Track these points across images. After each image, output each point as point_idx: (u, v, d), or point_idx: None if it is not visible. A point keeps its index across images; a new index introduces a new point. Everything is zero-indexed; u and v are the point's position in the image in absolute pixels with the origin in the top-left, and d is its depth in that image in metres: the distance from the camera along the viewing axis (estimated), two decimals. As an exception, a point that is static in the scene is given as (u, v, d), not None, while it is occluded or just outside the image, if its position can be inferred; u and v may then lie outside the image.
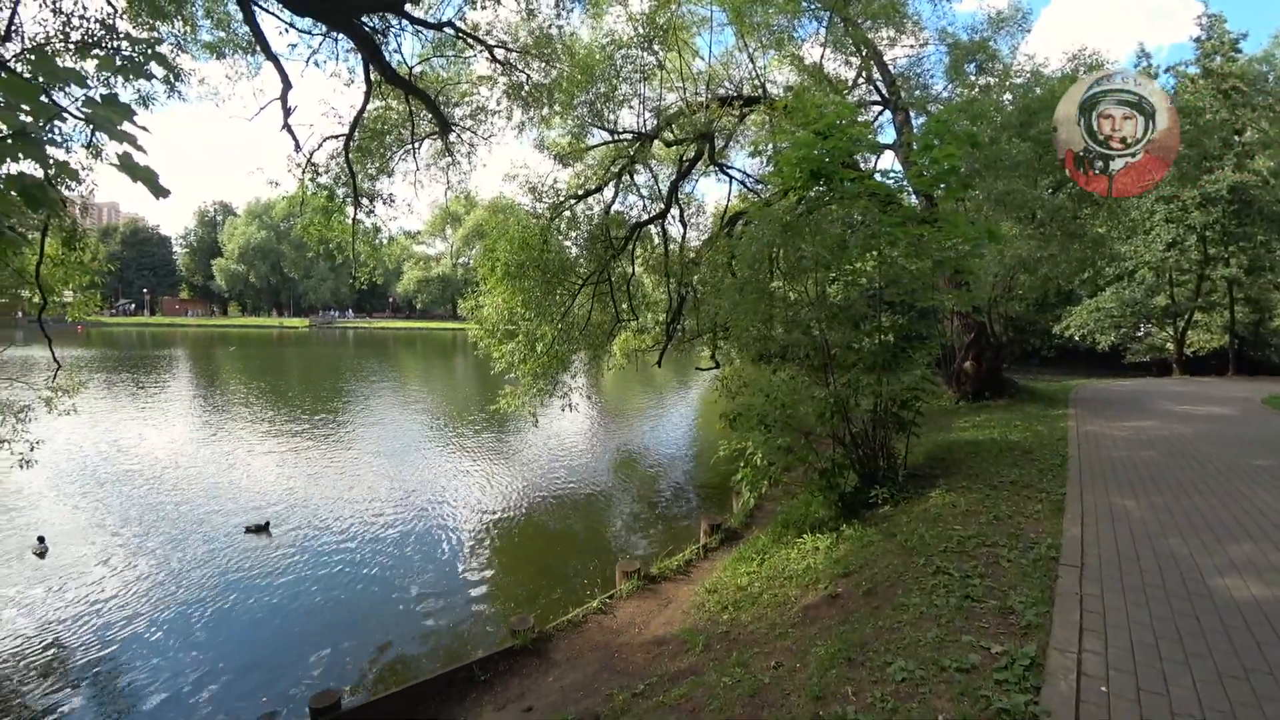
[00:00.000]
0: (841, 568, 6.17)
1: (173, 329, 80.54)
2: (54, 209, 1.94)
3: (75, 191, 8.82)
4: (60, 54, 7.64)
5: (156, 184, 1.99)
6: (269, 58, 8.35)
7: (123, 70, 1.98)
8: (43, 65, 1.97)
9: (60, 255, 9.29)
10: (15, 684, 7.33)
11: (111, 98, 1.98)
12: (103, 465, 16.14)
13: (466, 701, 5.85)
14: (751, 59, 15.77)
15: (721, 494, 13.43)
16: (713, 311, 13.52)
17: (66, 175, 2.14)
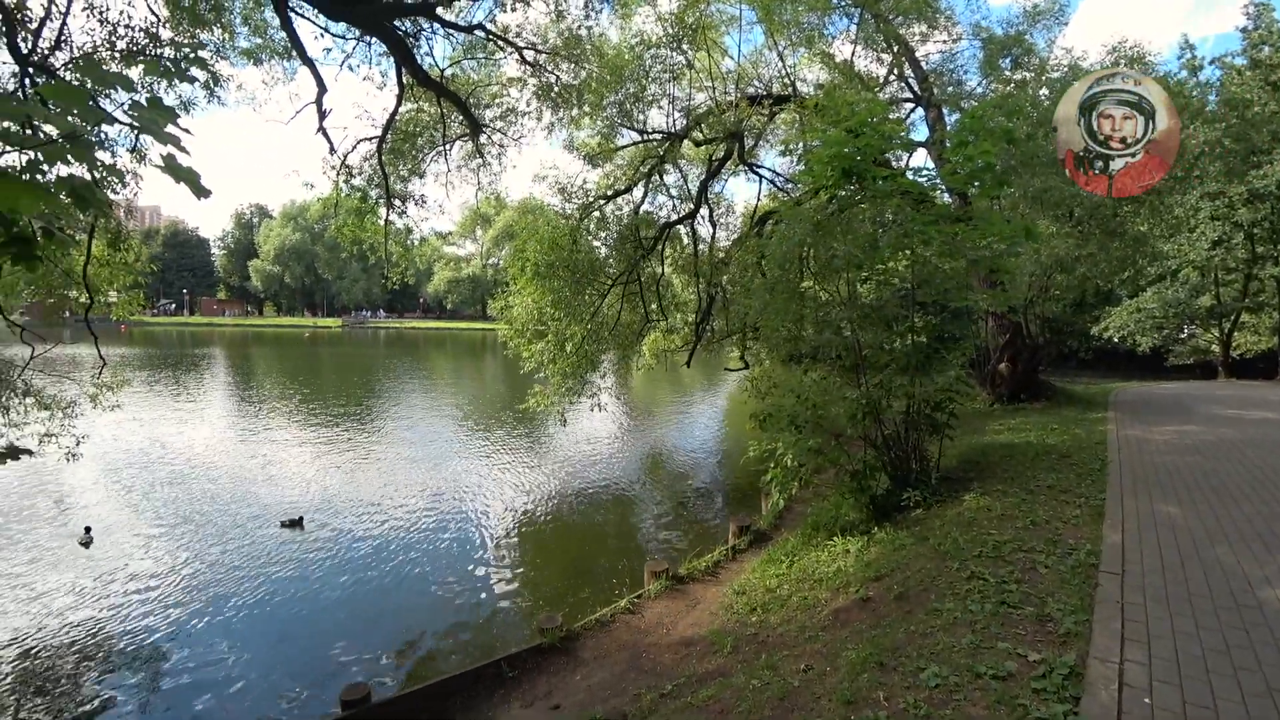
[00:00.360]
0: (873, 571, 6.08)
1: (210, 328, 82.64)
2: (101, 210, 2.00)
3: (120, 195, 9.13)
4: (106, 62, 7.89)
5: (198, 185, 2.03)
6: (305, 62, 8.54)
7: (167, 74, 2.03)
8: (91, 71, 2.03)
9: (106, 256, 9.61)
10: (64, 668, 7.61)
11: (156, 101, 2.04)
12: (145, 460, 16.64)
13: (494, 698, 5.90)
14: (781, 57, 15.65)
15: (750, 495, 13.35)
16: (742, 312, 13.44)
17: (113, 177, 2.19)
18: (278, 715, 6.69)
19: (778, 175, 17.11)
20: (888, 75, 16.27)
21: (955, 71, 15.80)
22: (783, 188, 16.80)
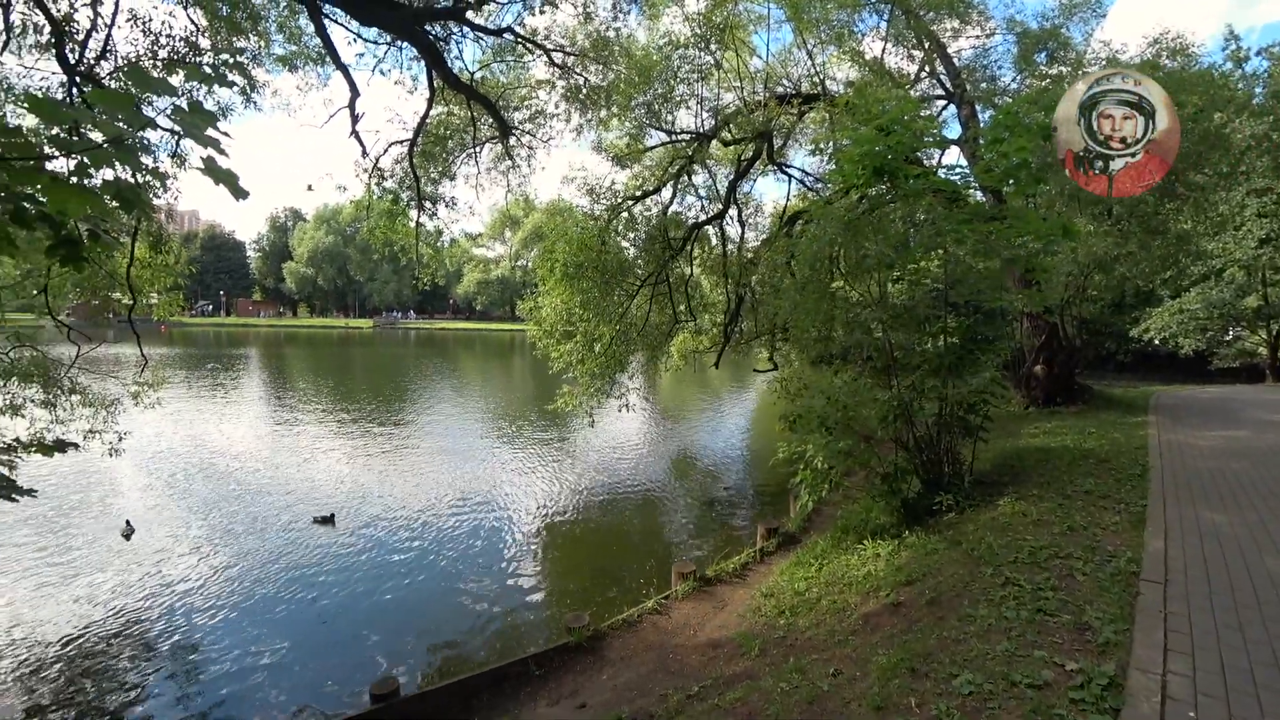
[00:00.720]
0: (904, 575, 5.99)
1: (246, 329, 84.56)
2: (145, 212, 2.06)
3: (161, 199, 9.40)
4: (149, 70, 8.13)
5: (237, 186, 2.08)
6: (338, 67, 8.71)
7: (207, 79, 2.09)
8: (136, 77, 2.09)
9: (148, 258, 9.91)
10: (107, 654, 7.88)
11: (197, 105, 2.08)
12: (183, 456, 17.12)
13: (521, 695, 5.94)
14: (810, 56, 15.50)
15: (778, 497, 13.25)
16: (771, 312, 13.35)
17: (156, 180, 2.24)
18: (309, 706, 6.83)
19: (807, 175, 16.96)
20: (918, 72, 16.03)
21: (988, 67, 15.50)
22: (812, 187, 16.64)
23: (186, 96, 6.14)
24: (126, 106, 1.97)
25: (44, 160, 2.29)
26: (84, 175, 2.14)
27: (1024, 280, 11.34)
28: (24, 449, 3.23)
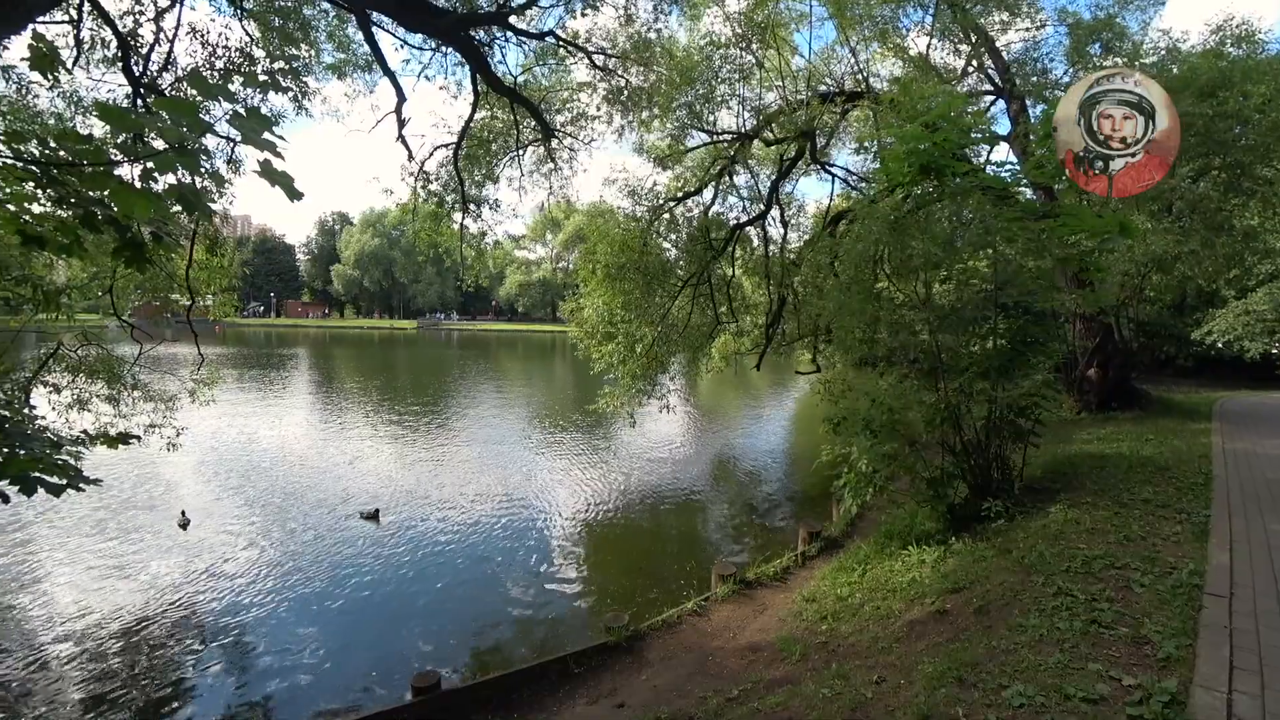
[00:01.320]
0: (950, 582, 5.84)
1: (295, 329, 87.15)
2: (205, 213, 2.14)
3: (218, 204, 9.77)
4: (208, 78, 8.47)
5: (292, 187, 2.14)
6: (386, 73, 8.93)
7: (264, 85, 2.16)
8: (198, 84, 2.17)
9: (205, 260, 10.33)
10: (161, 636, 8.25)
11: (254, 110, 2.15)
12: (236, 451, 17.75)
13: (560, 693, 5.98)
14: (853, 53, 15.25)
15: (819, 501, 13.09)
16: (814, 314, 13.18)
17: (215, 183, 2.33)
18: (352, 697, 7.00)
19: (851, 174, 16.70)
20: (965, 67, 15.63)
21: (1039, 60, 15.01)
22: (856, 187, 16.38)
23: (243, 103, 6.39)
24: (189, 112, 2.04)
25: (113, 165, 2.39)
26: (149, 180, 2.24)
27: (1077, 280, 10.96)
28: (91, 440, 3.38)
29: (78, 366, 10.05)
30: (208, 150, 7.64)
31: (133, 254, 3.00)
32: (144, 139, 2.29)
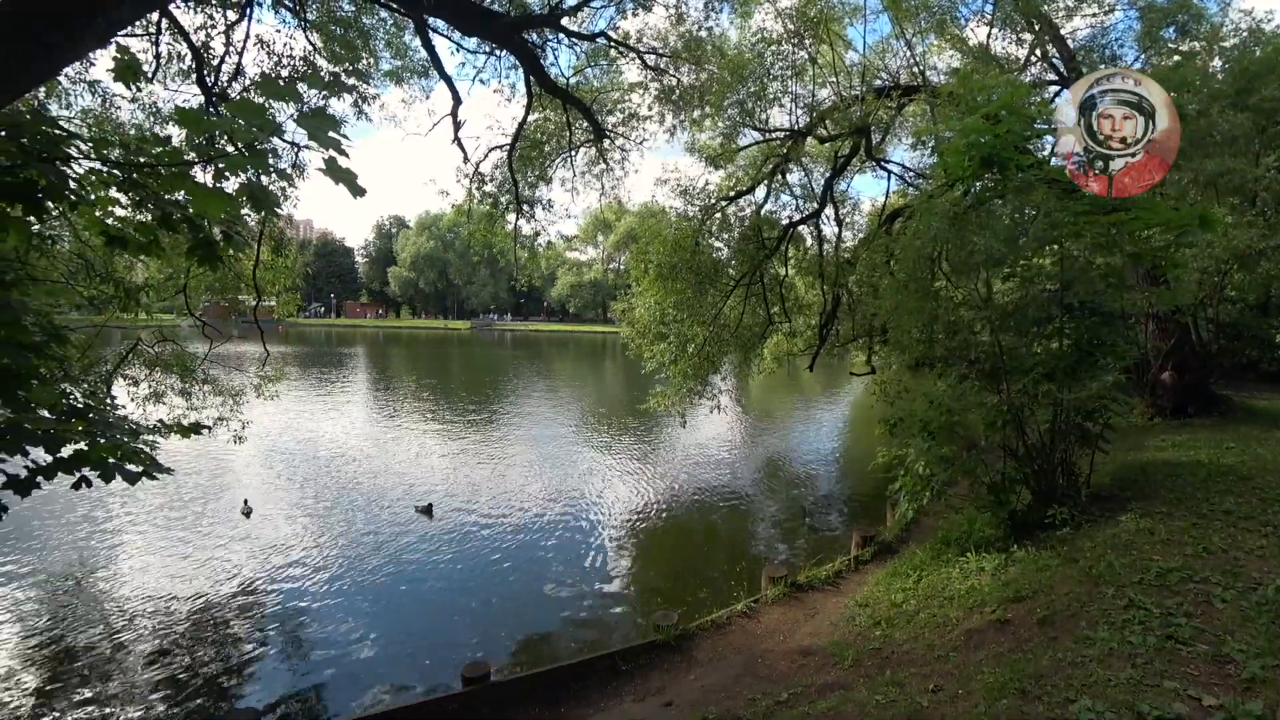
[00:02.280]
0: (1011, 591, 5.62)
1: (354, 329, 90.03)
2: (273, 211, 2.22)
3: (282, 207, 10.19)
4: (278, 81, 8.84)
5: (355, 184, 2.20)
6: (442, 78, 9.17)
7: (329, 87, 2.24)
8: (268, 87, 2.25)
9: (270, 260, 10.81)
10: (225, 621, 8.65)
11: (320, 110, 2.22)
12: (296, 444, 18.51)
13: (607, 689, 5.99)
14: (909, 45, 14.85)
15: (872, 505, 12.82)
16: (870, 314, 12.91)
17: (284, 181, 2.42)
18: (403, 683, 7.20)
19: (907, 170, 16.26)
20: (1028, 57, 15.03)
21: (1107, 47, 14.32)
22: (913, 183, 15.95)
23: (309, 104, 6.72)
24: (260, 114, 2.12)
25: (188, 166, 2.51)
26: (221, 179, 2.34)
27: (1150, 277, 10.41)
28: (166, 430, 3.55)
29: (154, 361, 10.65)
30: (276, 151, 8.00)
31: (205, 252, 3.14)
32: (217, 142, 2.39)
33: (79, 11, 2.78)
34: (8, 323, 3.04)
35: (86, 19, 2.84)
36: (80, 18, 2.82)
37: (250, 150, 2.23)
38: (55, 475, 2.91)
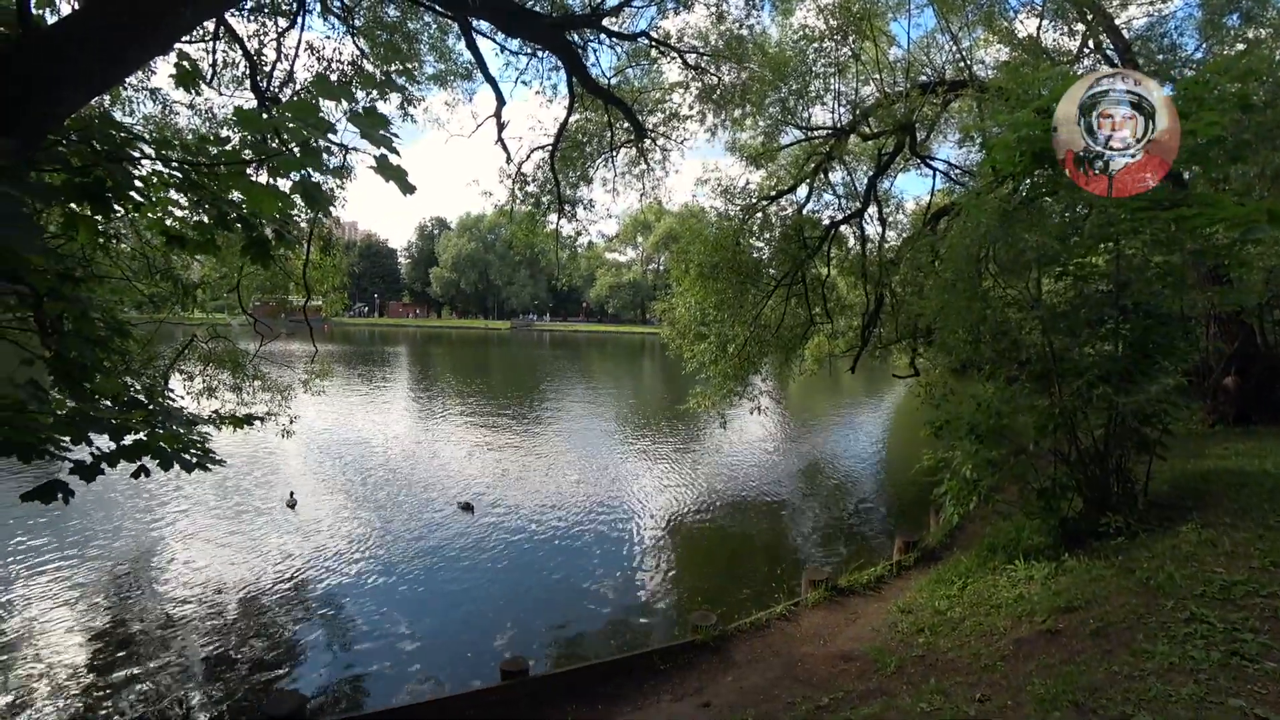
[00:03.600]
0: (1063, 601, 5.43)
1: (396, 328, 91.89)
2: (326, 208, 2.28)
3: (335, 206, 10.49)
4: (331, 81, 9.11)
5: (405, 181, 2.23)
6: (486, 79, 9.33)
7: (379, 86, 2.28)
8: (322, 87, 2.29)
9: (319, 260, 11.14)
10: (270, 610, 8.93)
11: (371, 109, 2.26)
12: (340, 439, 19.02)
13: (645, 687, 5.97)
14: (955, 40, 14.52)
15: (914, 510, 12.57)
16: (914, 314, 12.65)
17: (336, 178, 2.47)
18: (442, 675, 7.33)
19: (953, 167, 15.90)
20: (1080, 49, 14.53)
21: (1165, 36, 13.74)
22: (959, 180, 15.58)
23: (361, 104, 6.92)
24: (314, 113, 2.17)
25: (245, 165, 2.58)
26: (276, 177, 2.40)
27: (1213, 277, 9.97)
28: (220, 420, 3.67)
29: (208, 357, 11.06)
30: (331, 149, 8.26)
31: (258, 251, 3.23)
32: (270, 142, 2.44)
33: (149, 18, 2.89)
34: (76, 317, 3.18)
35: (154, 25, 2.94)
36: (149, 24, 2.93)
37: (304, 149, 2.28)
38: (118, 463, 3.02)
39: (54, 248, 3.44)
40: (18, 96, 2.55)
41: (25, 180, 2.05)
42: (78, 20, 2.89)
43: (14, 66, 2.53)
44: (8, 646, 7.78)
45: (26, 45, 2.54)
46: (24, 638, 8.00)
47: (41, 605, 8.87)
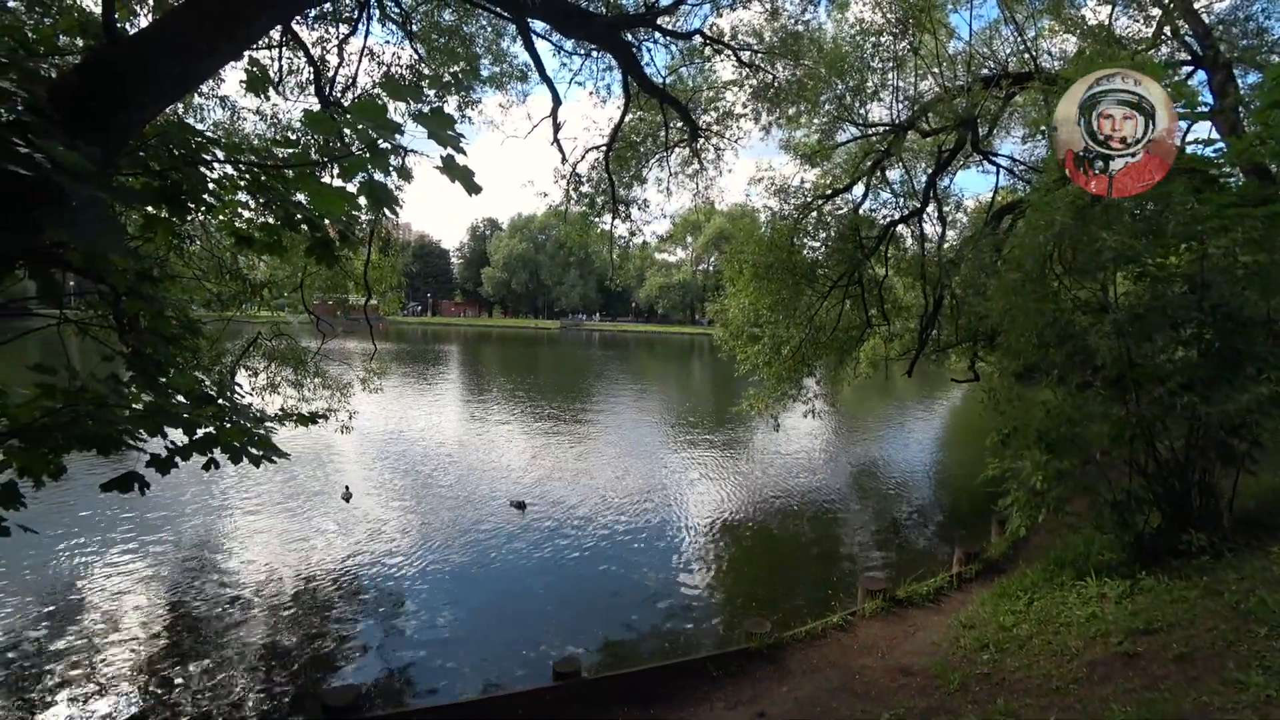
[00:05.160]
0: (1140, 622, 5.12)
1: (448, 328, 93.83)
2: (393, 208, 2.28)
3: (400, 206, 10.75)
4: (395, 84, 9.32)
5: (471, 181, 2.21)
6: (543, 78, 9.40)
7: (445, 85, 2.28)
8: (390, 88, 2.30)
9: (378, 260, 11.42)
10: (325, 602, 9.16)
11: (438, 110, 2.24)
12: (395, 436, 19.43)
13: (698, 694, 5.87)
14: (1019, 30, 13.93)
15: (972, 520, 12.15)
16: (976, 317, 12.18)
17: (402, 179, 2.48)
18: (492, 673, 7.37)
19: (1017, 164, 15.28)
20: (1155, 36, 13.76)
21: (1252, 19, 12.88)
22: (1023, 177, 14.97)
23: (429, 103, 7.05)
24: (380, 113, 2.17)
25: (312, 166, 2.61)
26: (345, 179, 2.42)
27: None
28: (287, 418, 3.75)
29: (272, 354, 11.45)
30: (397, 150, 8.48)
31: (323, 251, 3.28)
32: (334, 145, 2.47)
33: (225, 25, 2.96)
34: (152, 315, 3.28)
35: (230, 32, 3.02)
36: (225, 31, 3.00)
37: (372, 150, 2.29)
38: (190, 456, 3.11)
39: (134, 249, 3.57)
40: (104, 103, 2.64)
41: (110, 184, 2.10)
42: (158, 29, 2.98)
43: (100, 74, 2.62)
44: (80, 623, 8.21)
45: (112, 54, 2.62)
46: (94, 614, 8.44)
47: (113, 580, 9.39)
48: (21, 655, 7.47)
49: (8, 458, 3.07)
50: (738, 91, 11.43)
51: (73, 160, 1.79)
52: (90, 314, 3.83)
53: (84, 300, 4.00)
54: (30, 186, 1.82)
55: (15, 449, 3.05)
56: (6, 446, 3.02)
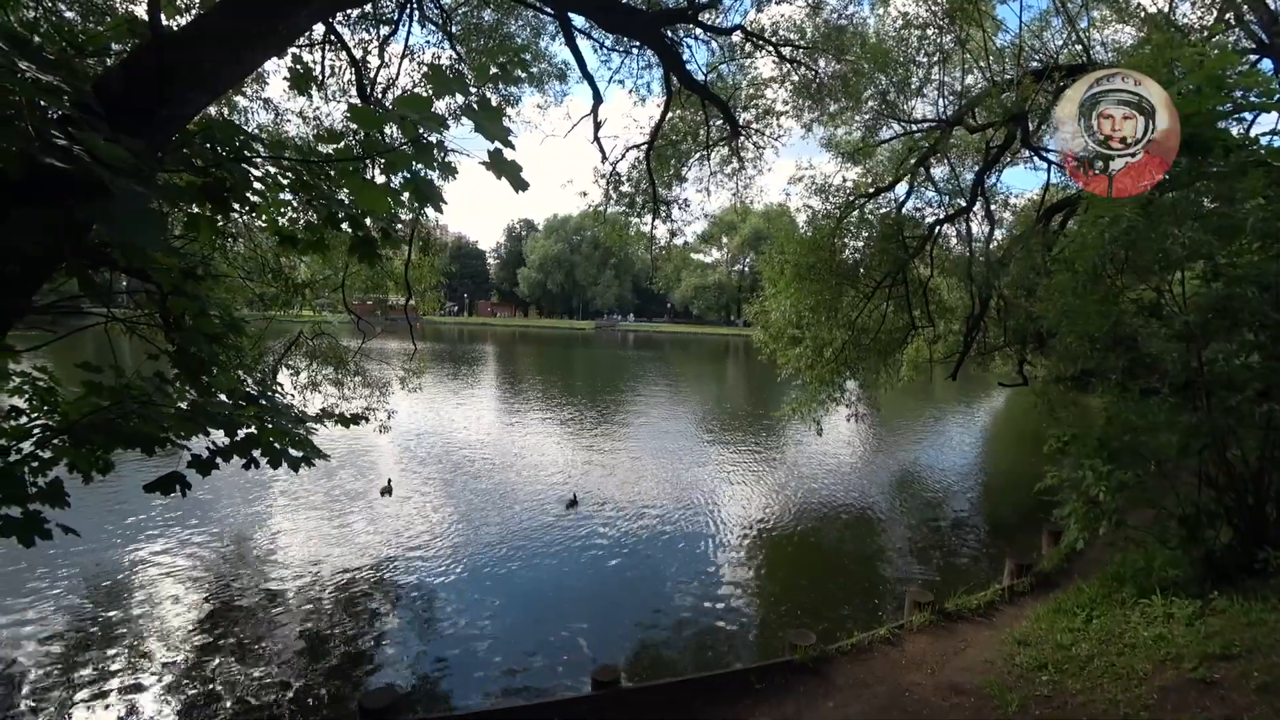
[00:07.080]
0: (1216, 646, 4.80)
1: (484, 327, 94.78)
2: (437, 204, 2.19)
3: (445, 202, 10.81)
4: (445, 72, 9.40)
5: (518, 178, 2.11)
6: (584, 75, 9.31)
7: (493, 79, 2.19)
8: (436, 79, 2.20)
9: (418, 260, 11.48)
10: (362, 589, 9.35)
11: (485, 102, 2.14)
12: (433, 433, 19.69)
13: (738, 708, 5.69)
14: (1070, 21, 13.38)
15: (1020, 530, 11.76)
16: (1028, 318, 11.73)
17: (447, 175, 2.39)
18: (528, 677, 7.30)
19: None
20: (1218, 21, 13.10)
21: (1323, 3, 12.16)
22: (1076, 172, 14.36)
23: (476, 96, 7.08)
24: (425, 106, 2.08)
25: (356, 161, 2.54)
26: (389, 175, 2.34)
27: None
28: (329, 418, 3.71)
29: (313, 353, 11.59)
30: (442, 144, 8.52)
31: (365, 250, 3.22)
32: (383, 138, 2.38)
33: (269, 21, 2.92)
34: (196, 314, 3.26)
35: (273, 28, 2.97)
36: (269, 27, 2.96)
37: (416, 145, 2.20)
38: (231, 458, 3.08)
39: (178, 247, 3.57)
40: (149, 99, 2.61)
41: (152, 179, 2.05)
42: (202, 25, 2.95)
43: (143, 69, 2.59)
44: (123, 617, 8.40)
45: (155, 49, 2.59)
46: (137, 609, 8.63)
47: (156, 576, 9.61)
48: (68, 647, 7.66)
49: (56, 454, 3.08)
50: (778, 88, 11.20)
51: (114, 153, 1.73)
52: (138, 312, 3.86)
53: (132, 299, 4.04)
54: (73, 182, 1.77)
55: (63, 446, 3.06)
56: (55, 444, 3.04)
